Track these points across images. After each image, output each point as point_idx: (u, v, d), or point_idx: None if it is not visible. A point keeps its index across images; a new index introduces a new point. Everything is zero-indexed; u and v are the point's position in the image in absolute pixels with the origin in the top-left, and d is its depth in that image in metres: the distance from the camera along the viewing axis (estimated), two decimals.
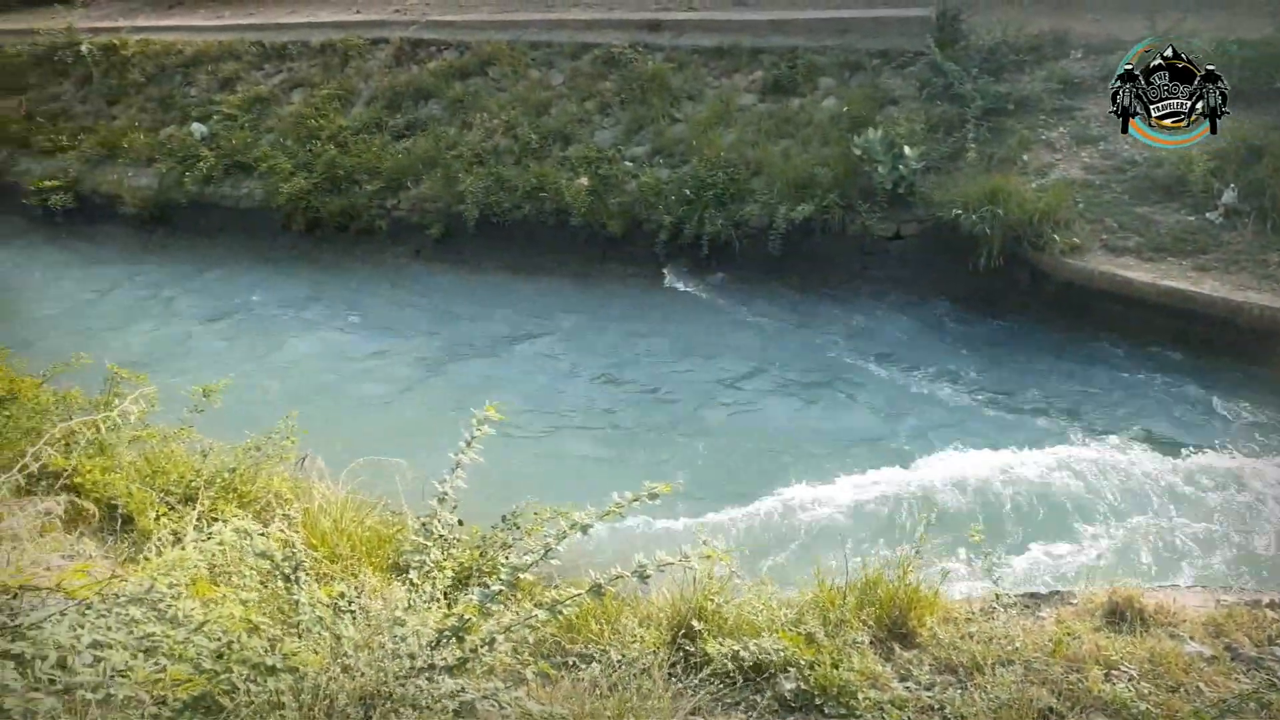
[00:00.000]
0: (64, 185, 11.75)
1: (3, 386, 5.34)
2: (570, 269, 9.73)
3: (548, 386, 7.85)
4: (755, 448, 6.71)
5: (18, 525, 2.81)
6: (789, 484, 5.96)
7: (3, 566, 2.43)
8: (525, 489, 5.57)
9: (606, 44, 10.86)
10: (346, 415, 7.36)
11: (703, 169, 9.33)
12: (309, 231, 10.70)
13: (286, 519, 3.04)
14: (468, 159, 10.37)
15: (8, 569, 2.22)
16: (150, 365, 7.28)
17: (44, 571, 2.88)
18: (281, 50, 12.34)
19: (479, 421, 2.94)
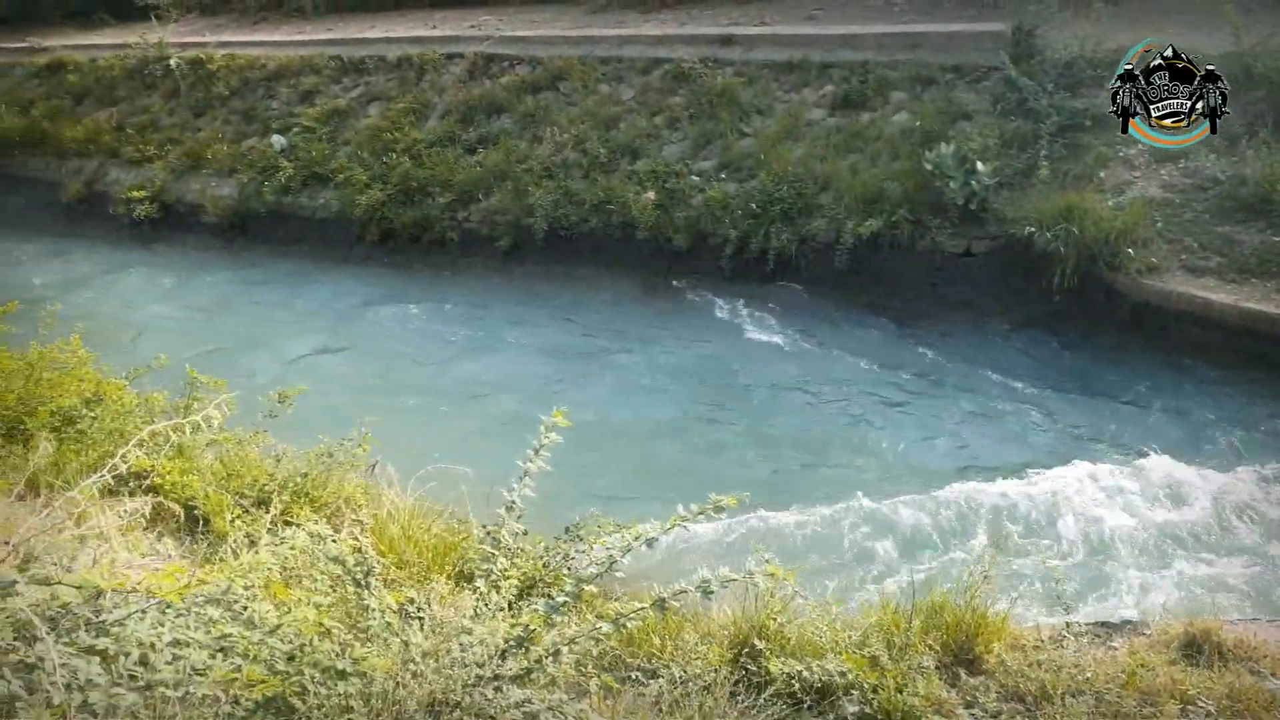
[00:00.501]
0: (150, 194, 12.19)
1: (90, 388, 5.55)
2: (635, 282, 9.78)
3: (611, 396, 7.89)
4: (819, 463, 6.66)
5: (106, 524, 2.93)
6: (853, 501, 5.89)
7: (90, 565, 2.53)
8: (588, 498, 5.63)
9: (677, 59, 10.92)
10: (415, 422, 7.48)
11: (770, 183, 9.32)
12: (382, 242, 10.94)
13: (359, 524, 3.10)
14: (537, 172, 10.51)
15: (97, 568, 2.31)
16: (225, 369, 7.48)
17: (124, 569, 3.00)
18: (359, 65, 12.66)
19: (547, 429, 2.97)
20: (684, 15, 12.46)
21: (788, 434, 7.13)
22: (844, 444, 6.93)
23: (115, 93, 14.01)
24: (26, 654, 2.25)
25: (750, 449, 6.94)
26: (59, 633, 2.30)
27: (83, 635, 2.29)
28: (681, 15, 12.46)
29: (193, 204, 12.09)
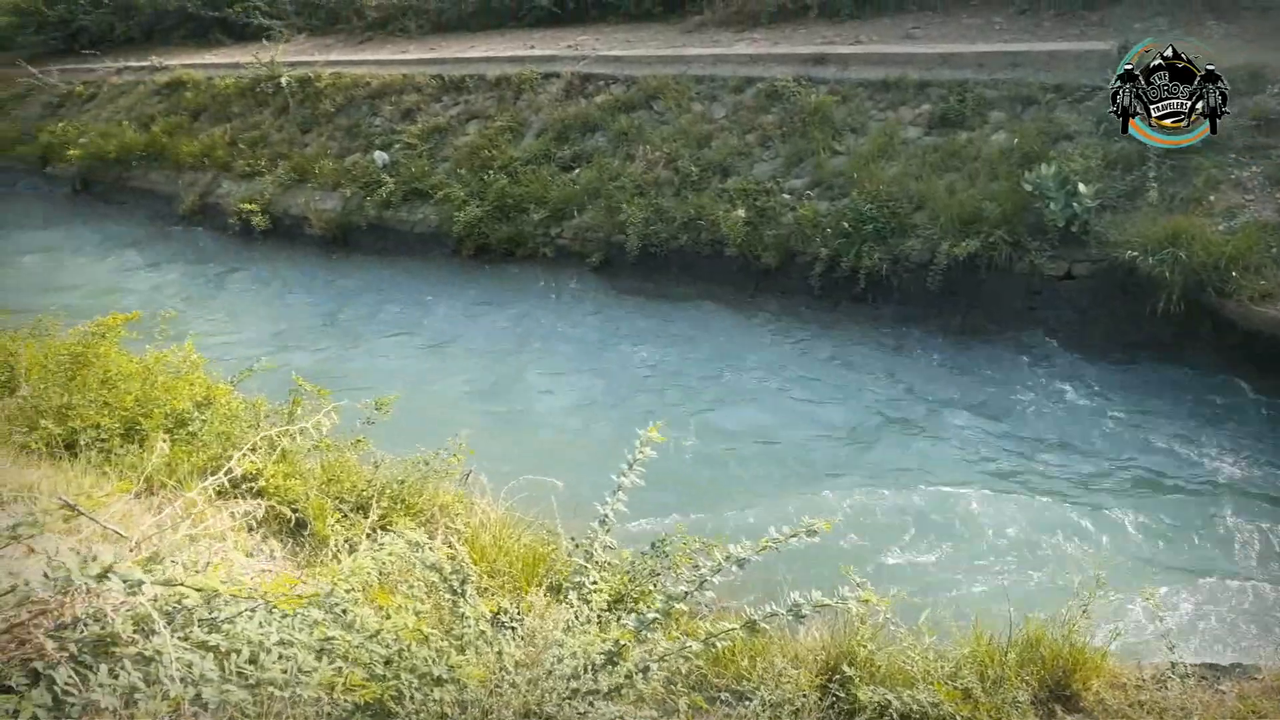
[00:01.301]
0: (260, 207, 12.73)
1: (200, 392, 5.80)
2: (723, 299, 9.79)
3: (700, 413, 7.89)
4: (907, 486, 6.54)
5: (220, 524, 3.07)
6: (947, 525, 5.78)
7: (204, 564, 2.66)
8: (676, 514, 5.64)
9: (771, 78, 10.92)
10: (506, 433, 7.62)
11: (863, 202, 9.22)
12: (477, 256, 11.20)
13: (456, 533, 3.18)
14: (629, 190, 10.62)
15: (211, 568, 2.43)
16: (324, 376, 7.73)
17: (235, 569, 3.14)
18: (460, 84, 13.00)
19: (642, 443, 3.00)
20: (778, 34, 12.46)
21: (876, 457, 7.03)
22: (934, 467, 6.79)
23: (229, 109, 14.69)
24: (145, 647, 2.39)
25: (840, 473, 6.85)
26: (174, 627, 2.43)
27: (196, 631, 2.41)
28: (775, 34, 12.46)
29: (298, 216, 12.58)
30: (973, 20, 11.41)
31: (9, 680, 2.36)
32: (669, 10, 14.22)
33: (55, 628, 2.53)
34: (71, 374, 5.85)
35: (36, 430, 5.09)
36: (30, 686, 2.31)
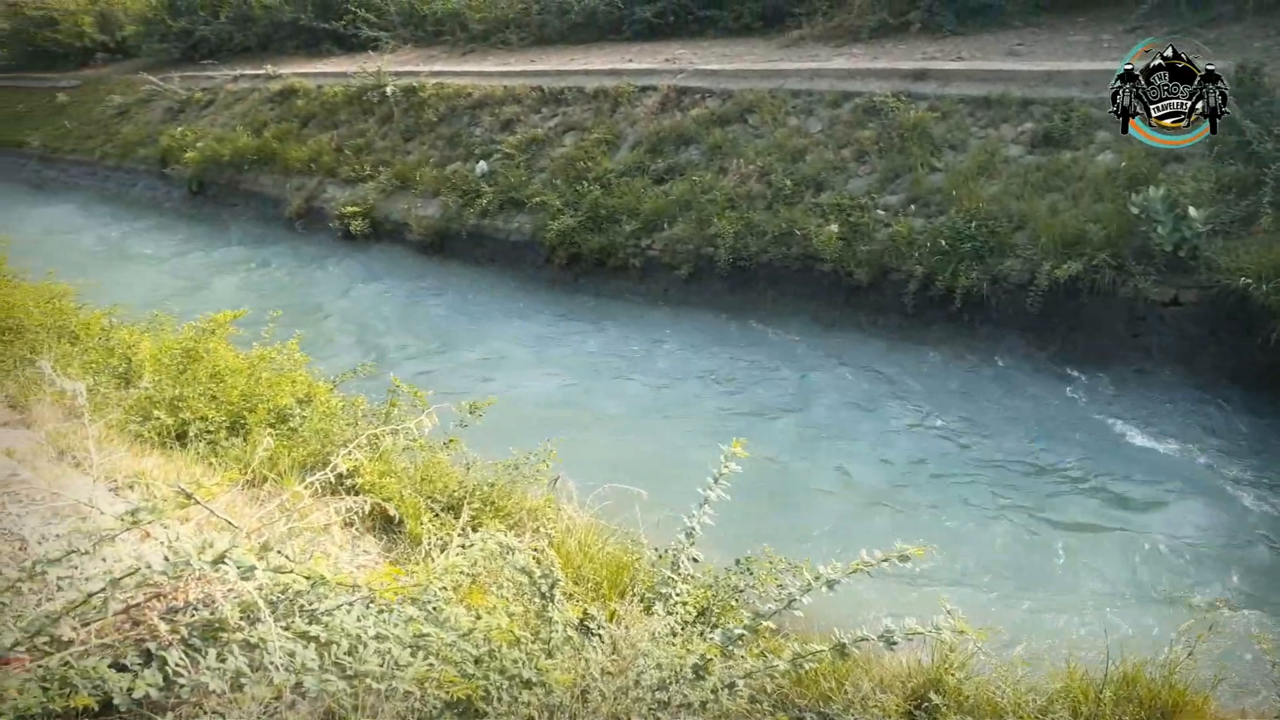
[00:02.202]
0: (362, 211, 13.16)
1: (302, 389, 6.02)
2: (812, 315, 9.72)
3: (785, 430, 7.85)
4: (997, 517, 6.38)
5: (324, 519, 3.19)
6: (1044, 561, 5.62)
7: (308, 556, 2.78)
8: (759, 532, 5.61)
9: (869, 92, 10.81)
10: (593, 440, 7.69)
11: (961, 220, 9.05)
12: (569, 266, 11.35)
13: (547, 538, 3.24)
14: (721, 203, 10.63)
15: (316, 559, 2.53)
16: (418, 377, 7.94)
17: (335, 563, 3.25)
18: (558, 95, 13.21)
19: (726, 458, 3.01)
20: (877, 49, 12.33)
21: (970, 488, 6.84)
22: (1026, 498, 6.61)
23: (337, 117, 15.21)
24: (250, 634, 2.50)
25: (930, 499, 6.72)
26: (277, 616, 2.54)
27: (298, 621, 2.51)
28: (874, 49, 12.34)
29: (399, 222, 12.95)
30: (1080, 38, 11.10)
31: (124, 659, 2.49)
32: (768, 25, 14.22)
33: (168, 611, 2.67)
34: (183, 368, 6.13)
35: (150, 420, 5.35)
36: (143, 666, 2.44)
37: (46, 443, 4.49)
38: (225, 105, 17.51)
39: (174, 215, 16.31)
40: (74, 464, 4.51)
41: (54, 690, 2.31)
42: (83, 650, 2.49)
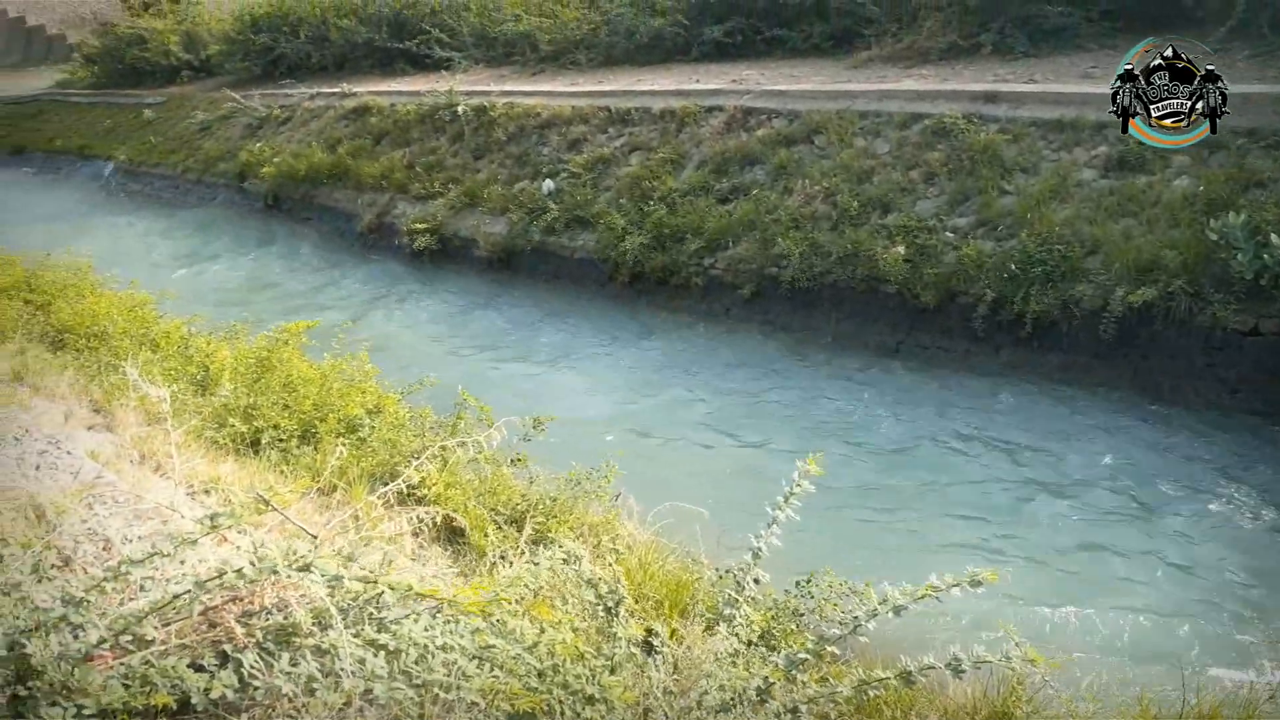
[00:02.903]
0: (431, 228, 13.41)
1: (371, 400, 6.16)
2: (875, 337, 9.64)
3: (845, 454, 7.78)
4: (1066, 551, 6.23)
5: (396, 529, 3.26)
6: (1114, 593, 5.48)
7: (381, 565, 2.84)
8: (817, 554, 5.56)
9: (938, 114, 10.71)
10: (654, 458, 7.71)
11: (1032, 244, 8.91)
12: (632, 284, 11.42)
13: (614, 553, 3.26)
14: (785, 223, 10.61)
15: (391, 567, 2.59)
16: (481, 389, 8.04)
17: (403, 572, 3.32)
18: (625, 116, 13.33)
19: (800, 475, 2.99)
20: (947, 70, 12.22)
21: (1038, 519, 6.68)
22: (1095, 535, 6.45)
23: (409, 134, 15.54)
24: (322, 639, 2.56)
25: (999, 527, 6.58)
26: (348, 623, 2.60)
27: (367, 629, 2.57)
28: (944, 70, 12.23)
29: (466, 238, 13.17)
30: None
31: (202, 659, 2.58)
32: (836, 46, 14.19)
33: (243, 614, 2.75)
34: (257, 376, 6.32)
35: (225, 427, 5.52)
36: (220, 667, 2.52)
37: (130, 446, 4.66)
38: (302, 122, 18.02)
39: (250, 228, 16.81)
40: (153, 468, 4.68)
41: (135, 688, 2.39)
42: (163, 650, 2.58)
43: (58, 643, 2.46)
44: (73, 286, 8.41)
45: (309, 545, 2.58)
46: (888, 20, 13.59)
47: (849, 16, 14.14)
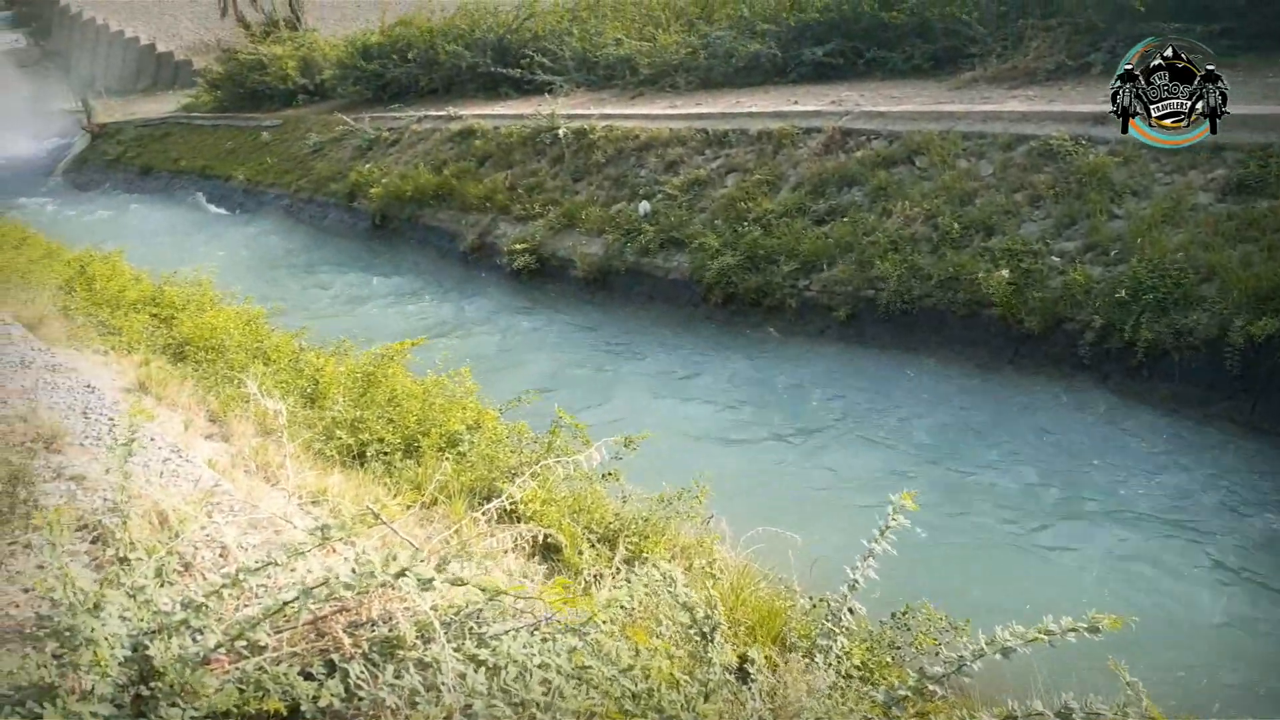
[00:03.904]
0: (530, 248, 13.68)
1: (472, 416, 6.30)
2: (976, 363, 9.41)
3: (945, 483, 7.60)
4: (1187, 594, 5.97)
5: (497, 544, 3.34)
6: (1233, 643, 5.23)
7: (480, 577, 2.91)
8: (919, 587, 5.45)
9: (1044, 136, 10.45)
10: (747, 481, 7.67)
11: (1142, 270, 8.60)
12: (724, 304, 11.43)
13: (712, 578, 3.27)
14: (883, 245, 10.48)
15: (490, 579, 2.65)
16: (574, 406, 8.14)
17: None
18: (722, 138, 13.39)
19: (896, 510, 2.96)
20: (1054, 91, 11.91)
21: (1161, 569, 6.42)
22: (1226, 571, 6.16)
23: (511, 157, 15.89)
24: (425, 653, 2.64)
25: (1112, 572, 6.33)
26: (450, 637, 2.68)
27: (468, 644, 2.64)
28: (1051, 91, 11.92)
29: (564, 259, 13.40)
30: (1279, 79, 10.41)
31: (311, 667, 2.68)
32: (938, 66, 13.98)
33: (350, 625, 2.85)
34: (363, 391, 6.54)
35: (333, 440, 5.72)
36: (328, 676, 2.62)
37: (246, 456, 4.88)
38: (409, 144, 18.60)
39: (357, 246, 17.41)
40: (265, 478, 4.89)
41: (249, 692, 2.50)
42: (275, 657, 2.70)
43: (178, 645, 2.60)
44: (194, 301, 8.86)
45: (411, 555, 2.66)
46: (993, 40, 13.34)
47: (953, 37, 13.92)
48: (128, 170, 27.69)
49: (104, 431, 4.89)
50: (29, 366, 5.89)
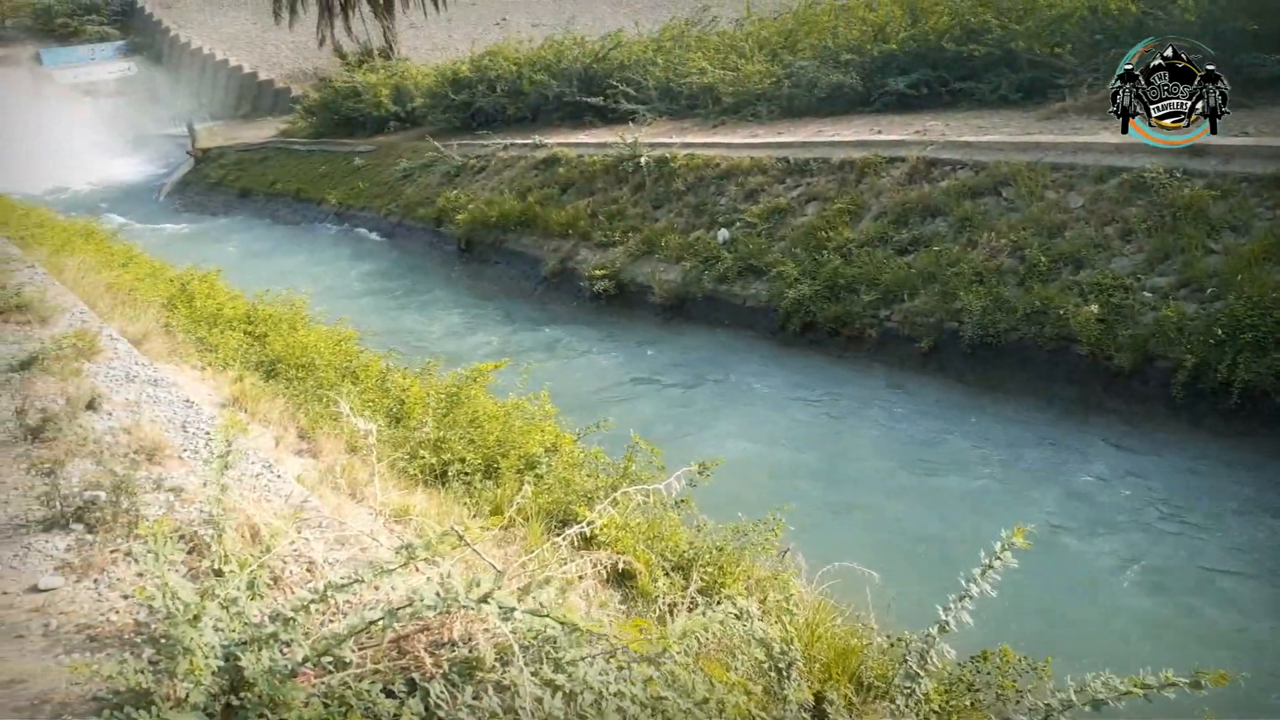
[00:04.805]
0: (609, 274, 13.84)
1: (550, 439, 6.38)
2: (1064, 398, 9.17)
3: (1034, 518, 7.38)
4: None
5: (574, 570, 3.39)
6: None
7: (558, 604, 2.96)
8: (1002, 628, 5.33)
9: (1138, 168, 10.18)
10: (823, 514, 7.59)
11: (1241, 307, 8.29)
12: (802, 333, 11.37)
13: (788, 612, 3.26)
14: (967, 276, 10.32)
15: (572, 610, 2.69)
16: (649, 433, 8.16)
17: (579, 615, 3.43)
18: (803, 166, 13.37)
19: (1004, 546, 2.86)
20: None
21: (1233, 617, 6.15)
22: None
23: (594, 184, 16.13)
24: (503, 675, 2.69)
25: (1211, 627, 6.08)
26: (528, 660, 2.72)
27: (545, 669, 2.68)
28: None
29: (642, 285, 13.51)
30: None
31: (392, 685, 2.75)
32: (1027, 97, 13.75)
33: (432, 644, 2.92)
34: (446, 411, 6.67)
35: (416, 459, 5.85)
36: (408, 694, 2.68)
37: (336, 474, 5.03)
38: (495, 171, 19.01)
39: (444, 268, 17.82)
40: (350, 494, 5.03)
41: (334, 707, 2.58)
42: (359, 673, 2.77)
43: (268, 658, 2.69)
44: (286, 320, 9.16)
45: (492, 579, 2.72)
46: (1084, 71, 13.07)
47: (1042, 68, 13.69)
48: (227, 193, 28.86)
49: (200, 445, 5.09)
50: (133, 380, 6.16)
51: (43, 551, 3.81)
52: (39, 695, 2.89)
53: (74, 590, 3.51)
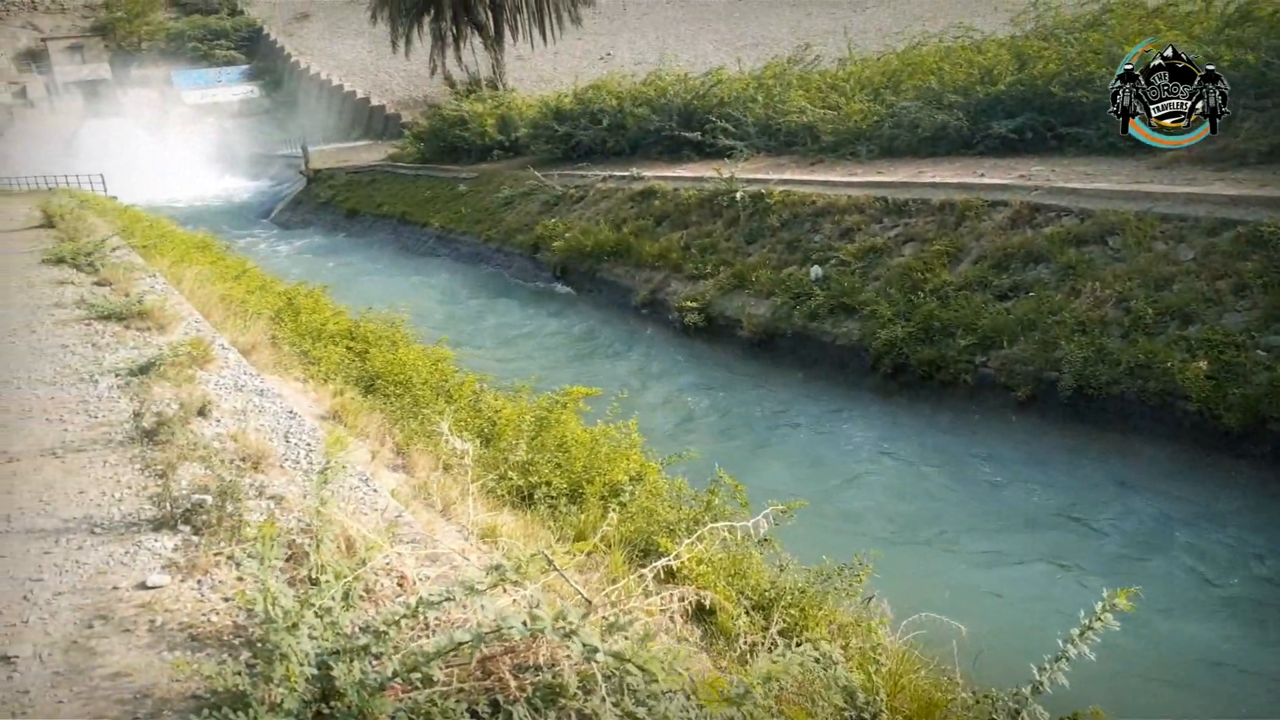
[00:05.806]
0: (699, 306, 13.90)
1: (635, 467, 6.41)
2: (1168, 457, 8.80)
3: (1137, 580, 7.09)
4: None
5: (658, 605, 3.41)
6: None
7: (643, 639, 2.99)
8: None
9: (1254, 221, 9.77)
10: (910, 564, 7.44)
11: None
12: (894, 375, 11.19)
13: (874, 662, 3.22)
14: (1069, 325, 10.03)
15: (653, 647, 2.72)
16: (733, 467, 8.12)
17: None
18: (902, 207, 13.24)
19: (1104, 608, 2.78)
20: (1266, 175, 11.12)
21: None
22: None
23: (688, 217, 16.26)
24: (585, 704, 2.72)
25: None
26: (610, 689, 2.75)
27: (626, 700, 2.71)
28: (1264, 175, 11.14)
29: (732, 318, 13.52)
30: None
31: (477, 705, 2.80)
32: (1136, 145, 13.33)
33: (516, 667, 2.97)
34: (535, 434, 6.77)
35: (504, 480, 5.95)
36: (491, 715, 2.73)
37: (430, 491, 5.16)
38: (593, 201, 19.33)
39: (538, 295, 18.18)
40: (440, 511, 5.15)
41: None
42: (445, 690, 2.84)
43: (359, 669, 2.77)
44: (387, 337, 9.45)
45: (581, 609, 2.76)
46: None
47: None
48: (336, 212, 29.97)
49: (301, 455, 5.29)
50: (241, 389, 6.45)
51: (152, 550, 4.01)
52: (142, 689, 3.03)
53: (179, 589, 3.68)
